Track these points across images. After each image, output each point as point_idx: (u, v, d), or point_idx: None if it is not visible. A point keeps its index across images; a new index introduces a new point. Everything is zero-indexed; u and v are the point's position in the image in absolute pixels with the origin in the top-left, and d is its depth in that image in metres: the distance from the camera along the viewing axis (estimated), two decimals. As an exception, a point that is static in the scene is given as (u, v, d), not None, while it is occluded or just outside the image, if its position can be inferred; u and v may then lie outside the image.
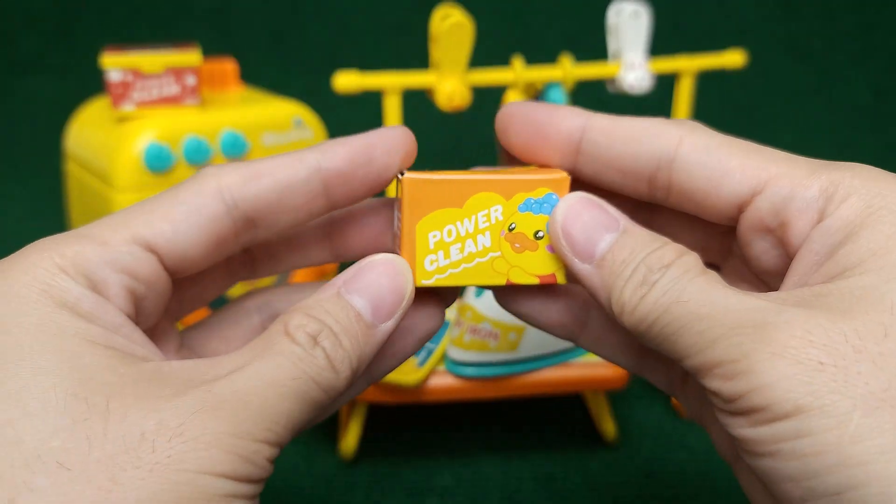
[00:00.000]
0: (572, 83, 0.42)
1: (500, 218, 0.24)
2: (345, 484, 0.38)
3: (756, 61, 0.58)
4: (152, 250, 0.22)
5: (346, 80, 0.39)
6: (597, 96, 0.52)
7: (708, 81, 0.53)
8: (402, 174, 0.23)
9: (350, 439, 0.39)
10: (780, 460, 0.18)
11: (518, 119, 0.24)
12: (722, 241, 0.25)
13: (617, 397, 0.43)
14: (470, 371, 0.37)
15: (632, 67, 0.43)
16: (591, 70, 0.43)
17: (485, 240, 0.24)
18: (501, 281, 0.24)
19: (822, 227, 0.21)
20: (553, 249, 0.24)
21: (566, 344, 0.38)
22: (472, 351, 0.37)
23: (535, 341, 0.37)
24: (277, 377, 0.20)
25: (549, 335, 0.35)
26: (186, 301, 0.25)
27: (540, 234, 0.24)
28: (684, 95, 0.44)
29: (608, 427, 0.40)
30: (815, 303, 0.19)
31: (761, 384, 0.18)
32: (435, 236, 0.24)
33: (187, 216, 0.22)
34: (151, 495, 0.18)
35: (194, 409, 0.19)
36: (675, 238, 0.23)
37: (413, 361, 0.37)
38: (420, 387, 0.37)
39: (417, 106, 0.48)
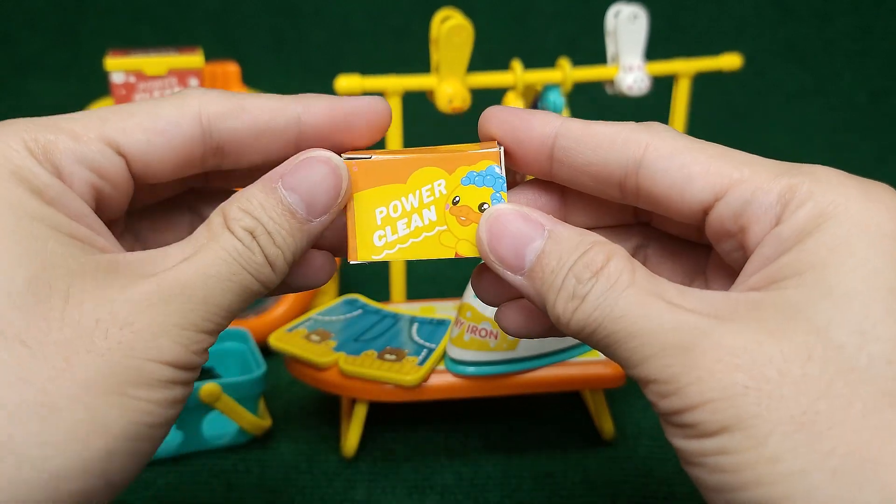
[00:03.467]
0: (571, 86, 0.43)
1: (444, 192, 0.24)
2: (346, 482, 0.38)
3: (753, 64, 0.59)
4: (122, 154, 0.22)
5: (348, 83, 0.40)
6: (596, 98, 0.52)
7: (705, 84, 0.53)
8: (342, 156, 0.24)
9: (351, 438, 0.39)
10: (706, 472, 0.19)
11: (495, 124, 0.24)
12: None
13: (615, 396, 0.43)
14: (470, 370, 0.37)
15: (630, 70, 0.43)
16: (589, 73, 0.43)
17: (430, 214, 0.24)
18: (450, 254, 0.24)
19: (774, 232, 0.21)
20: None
21: (565, 343, 0.38)
22: (472, 350, 0.37)
23: (534, 341, 0.37)
24: (220, 271, 0.21)
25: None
26: (139, 199, 0.25)
27: (484, 206, 0.24)
28: (682, 98, 0.45)
29: (607, 425, 0.40)
30: (748, 316, 0.20)
31: (690, 405, 0.19)
32: (381, 212, 0.24)
33: (164, 131, 0.22)
34: (101, 377, 0.19)
35: (145, 301, 0.20)
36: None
37: (413, 360, 0.37)
38: (420, 385, 0.37)
39: (418, 108, 0.49)
